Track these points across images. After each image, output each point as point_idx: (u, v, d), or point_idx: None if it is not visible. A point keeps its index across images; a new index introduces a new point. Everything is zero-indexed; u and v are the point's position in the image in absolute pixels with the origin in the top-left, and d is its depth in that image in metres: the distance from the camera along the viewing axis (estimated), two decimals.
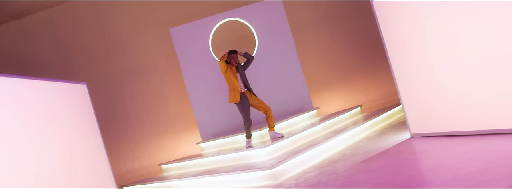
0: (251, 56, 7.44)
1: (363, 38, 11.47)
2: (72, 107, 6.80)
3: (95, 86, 11.27)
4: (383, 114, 8.02)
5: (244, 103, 7.13)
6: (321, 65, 11.51)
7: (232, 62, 7.23)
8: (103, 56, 11.55)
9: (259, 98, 7.35)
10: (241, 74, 7.27)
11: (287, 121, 8.10)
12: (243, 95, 7.17)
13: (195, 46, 9.18)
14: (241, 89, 7.20)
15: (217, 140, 8.50)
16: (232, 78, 7.14)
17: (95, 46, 11.55)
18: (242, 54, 7.40)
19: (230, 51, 7.24)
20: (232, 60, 7.23)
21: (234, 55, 7.23)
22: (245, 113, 7.09)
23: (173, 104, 11.32)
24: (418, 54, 5.65)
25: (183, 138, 11.28)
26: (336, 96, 11.51)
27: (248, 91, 7.26)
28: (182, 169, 8.26)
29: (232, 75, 7.16)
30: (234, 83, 7.13)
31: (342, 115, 8.22)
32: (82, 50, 11.59)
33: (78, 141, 6.73)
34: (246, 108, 7.12)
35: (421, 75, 5.68)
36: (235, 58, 7.24)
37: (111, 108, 11.43)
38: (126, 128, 11.36)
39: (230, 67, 7.22)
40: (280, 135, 7.17)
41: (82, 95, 7.09)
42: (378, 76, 11.52)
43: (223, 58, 7.14)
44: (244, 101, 7.14)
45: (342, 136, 6.92)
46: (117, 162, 11.21)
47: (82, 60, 11.56)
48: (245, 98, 7.16)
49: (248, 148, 7.06)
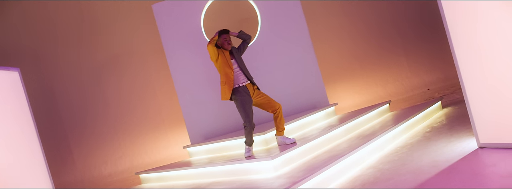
0: (248, 35, 5.66)
1: (378, 24, 9.92)
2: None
3: (69, 75, 9.84)
4: (420, 113, 6.28)
5: (244, 101, 5.37)
6: (333, 55, 9.92)
7: (225, 45, 5.46)
8: (77, 40, 9.80)
9: (265, 94, 5.58)
10: (238, 60, 5.51)
11: (298, 121, 6.36)
12: (243, 90, 5.42)
13: (183, 26, 7.39)
14: (241, 82, 5.45)
15: (209, 144, 6.77)
16: (226, 67, 5.38)
17: (67, 29, 9.80)
18: (236, 34, 5.63)
19: (221, 31, 5.47)
20: (224, 42, 5.46)
21: (226, 35, 5.46)
22: (246, 114, 5.34)
23: (161, 97, 9.93)
24: (503, 36, 3.89)
25: (171, 137, 9.87)
26: (351, 90, 9.88)
27: (251, 84, 5.52)
28: (163, 180, 6.56)
29: (226, 63, 5.40)
30: (228, 74, 5.37)
31: (367, 114, 6.48)
32: (51, 33, 9.82)
33: (3, 136, 5.12)
34: (247, 107, 5.37)
35: (509, 67, 3.92)
36: (228, 39, 5.47)
37: (88, 101, 9.94)
38: (108, 125, 9.96)
39: (222, 53, 5.46)
40: (291, 141, 5.43)
41: (13, 83, 5.43)
42: (399, 66, 9.99)
43: (213, 41, 5.38)
44: (244, 97, 5.39)
45: (373, 144, 5.19)
46: (98, 164, 9.82)
47: (52, 46, 9.81)
48: (246, 94, 5.42)
49: (248, 158, 5.34)
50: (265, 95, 5.53)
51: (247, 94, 5.40)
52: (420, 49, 10.05)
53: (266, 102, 5.48)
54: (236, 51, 5.55)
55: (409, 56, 10.03)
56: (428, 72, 9.87)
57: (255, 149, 5.80)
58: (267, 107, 5.50)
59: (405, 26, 10.13)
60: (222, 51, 5.46)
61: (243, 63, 5.54)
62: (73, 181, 9.67)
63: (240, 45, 5.63)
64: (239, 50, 5.59)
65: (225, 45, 5.45)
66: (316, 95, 7.39)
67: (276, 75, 7.20)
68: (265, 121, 6.75)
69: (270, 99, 5.50)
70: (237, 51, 5.57)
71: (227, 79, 5.38)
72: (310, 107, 7.24)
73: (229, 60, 5.42)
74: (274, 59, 7.28)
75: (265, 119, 6.83)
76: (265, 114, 6.76)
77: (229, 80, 5.37)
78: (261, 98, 5.49)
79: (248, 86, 5.46)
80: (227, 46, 5.46)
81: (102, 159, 9.88)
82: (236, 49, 5.58)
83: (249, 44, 5.70)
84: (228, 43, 5.46)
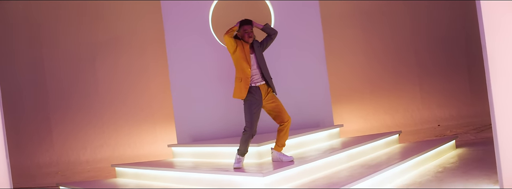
0: (274, 29, 5.09)
1: (397, 48, 9.59)
2: None
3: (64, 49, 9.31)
4: (432, 150, 5.71)
5: (253, 104, 4.81)
6: (344, 72, 9.43)
7: (245, 37, 4.89)
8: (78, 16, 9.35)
9: (278, 101, 5.00)
10: (258, 57, 4.93)
11: (298, 138, 5.78)
12: (256, 91, 4.85)
13: (189, 19, 6.80)
14: (256, 81, 4.88)
15: (196, 147, 6.20)
16: (243, 62, 4.82)
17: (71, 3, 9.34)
18: (261, 26, 5.04)
19: (242, 21, 4.91)
20: (245, 34, 4.89)
21: (247, 26, 4.89)
22: (251, 117, 4.77)
23: (155, 89, 9.35)
24: None
25: (159, 133, 9.31)
26: (356, 113, 9.37)
27: (266, 85, 4.94)
28: (140, 178, 5.99)
29: (243, 58, 4.83)
30: (245, 69, 4.81)
31: (374, 142, 5.90)
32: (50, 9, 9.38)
33: None
34: (255, 111, 4.80)
35: None
36: (249, 31, 4.90)
37: (78, 80, 9.42)
38: (95, 109, 9.39)
39: (242, 45, 4.89)
40: (288, 159, 4.84)
41: None
42: (411, 96, 9.56)
43: (231, 32, 4.83)
44: (254, 100, 4.82)
45: (378, 177, 4.62)
46: (77, 148, 9.30)
47: (53, 17, 9.35)
48: (257, 96, 4.84)
49: (236, 170, 4.77)
50: (278, 102, 4.95)
51: (259, 96, 4.84)
52: (437, 82, 9.56)
53: (276, 110, 4.90)
54: (258, 46, 4.98)
55: (423, 87, 9.54)
56: (441, 108, 9.37)
57: (246, 161, 5.21)
58: (275, 117, 4.92)
59: (425, 57, 9.66)
60: (241, 43, 4.90)
61: (264, 60, 4.97)
62: (48, 163, 9.19)
63: (264, 39, 5.06)
64: (262, 46, 5.02)
65: (245, 37, 4.88)
66: (321, 113, 6.81)
67: (281, 82, 6.56)
68: (264, 131, 6.14)
69: (282, 109, 4.92)
70: (259, 45, 4.99)
71: (243, 75, 4.82)
72: (312, 125, 6.66)
73: (248, 54, 4.85)
74: (282, 64, 6.69)
75: (266, 129, 6.18)
76: (269, 124, 6.12)
77: (246, 77, 4.81)
78: (273, 104, 4.91)
79: (261, 88, 4.88)
80: (248, 39, 4.89)
81: (82, 144, 9.34)
82: (258, 44, 5.01)
83: (273, 40, 5.10)
84: (249, 35, 4.88)
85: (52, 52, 9.33)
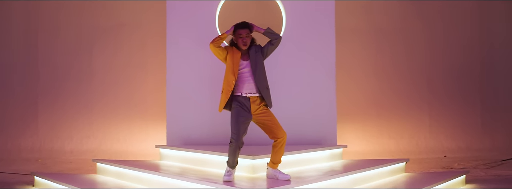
0: (277, 34, 4.50)
1: (410, 71, 9.25)
2: None
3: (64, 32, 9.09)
4: (441, 184, 5.24)
5: (240, 113, 4.31)
6: (352, 89, 9.10)
7: (239, 42, 4.38)
8: None
9: (272, 115, 4.42)
10: (253, 64, 4.37)
11: (296, 155, 5.30)
12: (245, 101, 4.35)
13: (194, 17, 6.37)
14: (246, 91, 4.35)
15: (186, 151, 5.72)
16: (229, 73, 4.32)
17: None
18: (262, 30, 4.48)
19: (237, 25, 4.40)
20: (239, 39, 4.37)
21: (242, 31, 4.36)
22: (237, 128, 4.26)
23: (152, 84, 9.04)
24: None
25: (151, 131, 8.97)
26: (359, 135, 9.01)
27: (258, 98, 4.40)
28: (120, 177, 5.52)
29: (230, 68, 4.33)
30: (230, 81, 4.30)
31: (379, 169, 5.43)
32: None
33: None
34: (241, 120, 4.29)
35: None
36: (244, 36, 4.36)
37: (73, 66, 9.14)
38: (86, 98, 9.09)
39: (232, 52, 4.39)
40: (285, 177, 4.36)
41: None
42: (419, 123, 9.26)
43: (218, 40, 4.34)
44: (240, 112, 4.31)
45: None
46: (63, 137, 9.04)
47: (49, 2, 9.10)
48: (244, 108, 4.33)
49: (226, 183, 4.29)
50: (272, 116, 4.38)
51: (246, 109, 4.33)
52: (447, 112, 9.17)
53: (269, 124, 4.35)
54: (256, 51, 4.43)
55: (432, 114, 9.14)
56: (449, 138, 8.98)
57: (239, 173, 4.73)
58: (268, 132, 4.38)
59: (437, 84, 9.27)
60: (232, 51, 4.40)
61: (262, 69, 4.42)
62: (30, 149, 8.90)
63: (266, 45, 4.50)
64: (262, 52, 4.47)
65: (239, 42, 4.37)
66: (324, 130, 6.33)
67: (285, 90, 6.10)
68: (260, 143, 5.64)
69: (275, 123, 4.36)
70: (257, 51, 4.44)
71: (227, 86, 4.33)
72: (314, 142, 6.17)
73: (236, 63, 4.33)
74: (288, 73, 6.23)
75: (261, 140, 5.69)
76: (266, 136, 5.65)
77: (228, 89, 4.32)
78: (265, 118, 4.35)
79: (252, 100, 4.35)
80: (242, 46, 4.37)
81: (68, 133, 9.03)
82: (258, 49, 4.47)
83: (275, 47, 4.55)
84: (243, 41, 4.35)
85: (50, 34, 9.09)
